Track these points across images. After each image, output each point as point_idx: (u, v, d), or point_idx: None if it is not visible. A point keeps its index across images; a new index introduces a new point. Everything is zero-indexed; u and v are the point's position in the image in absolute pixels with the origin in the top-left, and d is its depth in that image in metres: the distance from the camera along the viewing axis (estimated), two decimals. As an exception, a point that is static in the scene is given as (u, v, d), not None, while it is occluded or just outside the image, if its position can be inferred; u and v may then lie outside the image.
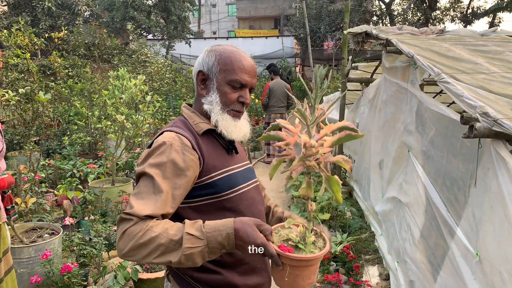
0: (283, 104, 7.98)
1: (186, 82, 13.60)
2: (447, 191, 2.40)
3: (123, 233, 1.17)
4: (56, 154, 6.56)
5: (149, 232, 1.15)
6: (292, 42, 25.86)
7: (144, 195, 1.23)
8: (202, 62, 1.45)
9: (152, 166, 1.26)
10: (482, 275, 1.92)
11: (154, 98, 5.47)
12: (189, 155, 1.30)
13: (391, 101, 3.87)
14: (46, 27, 13.37)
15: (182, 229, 1.17)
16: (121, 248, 1.17)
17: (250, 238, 1.15)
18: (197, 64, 1.46)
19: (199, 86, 1.46)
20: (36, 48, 6.15)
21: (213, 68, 1.42)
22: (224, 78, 1.40)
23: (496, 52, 2.93)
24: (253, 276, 1.42)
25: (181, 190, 1.27)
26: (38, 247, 3.06)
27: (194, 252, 1.15)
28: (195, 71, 1.48)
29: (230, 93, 1.41)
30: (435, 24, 22.68)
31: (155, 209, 1.20)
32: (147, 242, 1.15)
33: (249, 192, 1.46)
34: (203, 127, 1.40)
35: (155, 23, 18.95)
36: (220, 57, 1.42)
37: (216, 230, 1.17)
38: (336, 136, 1.10)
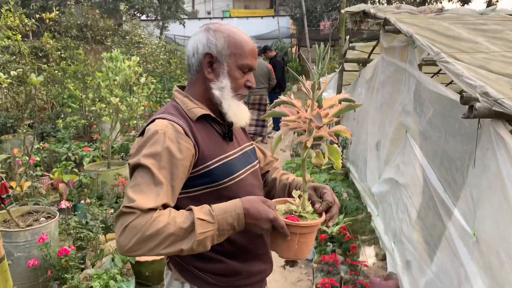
0: (263, 85, 7.88)
1: (180, 64, 13.45)
2: (444, 171, 2.40)
3: (125, 227, 1.12)
4: (50, 137, 6.50)
5: (155, 223, 1.12)
6: (288, 22, 25.56)
7: (143, 187, 1.18)
8: (208, 43, 1.35)
9: (147, 157, 1.21)
10: (479, 255, 1.92)
11: (149, 80, 5.39)
12: (184, 143, 1.26)
13: (389, 81, 3.83)
14: (37, 7, 13.11)
15: (190, 216, 1.16)
16: (123, 244, 1.12)
17: (262, 213, 1.18)
18: (201, 44, 1.36)
19: (206, 70, 1.36)
20: (27, 29, 6.01)
21: (223, 51, 1.34)
22: (235, 62, 1.35)
23: (496, 31, 2.89)
24: (255, 263, 1.42)
25: (178, 180, 1.24)
26: (34, 231, 3.04)
27: (207, 237, 1.15)
28: (194, 51, 1.37)
29: (240, 78, 1.37)
30: (432, 3, 22.43)
31: (157, 201, 1.16)
32: (155, 234, 1.12)
33: (247, 179, 1.43)
34: (197, 113, 1.34)
35: (148, 3, 18.59)
36: (230, 40, 1.35)
37: (225, 212, 1.18)
38: (337, 107, 1.15)
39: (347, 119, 6.06)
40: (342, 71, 5.41)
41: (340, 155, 1.21)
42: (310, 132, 1.16)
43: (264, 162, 1.67)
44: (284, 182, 1.59)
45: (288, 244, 1.22)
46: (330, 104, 1.18)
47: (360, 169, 5.06)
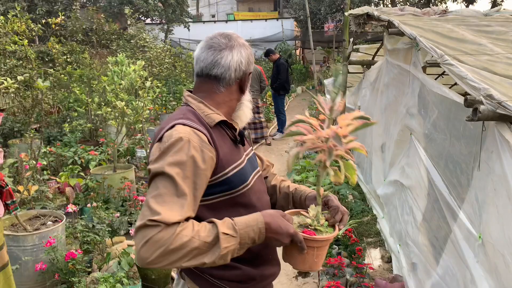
0: (255, 88, 7.91)
1: (185, 67, 13.50)
2: (449, 174, 2.40)
3: (148, 240, 1.10)
4: (57, 141, 6.55)
5: (180, 237, 1.11)
6: (292, 25, 25.57)
7: (166, 198, 1.15)
8: (248, 63, 1.42)
9: (171, 165, 1.18)
10: (485, 258, 1.92)
11: (154, 84, 5.43)
12: (208, 152, 1.24)
13: (393, 83, 3.83)
14: (43, 12, 13.23)
15: (213, 229, 1.16)
16: (145, 256, 1.10)
17: (283, 228, 1.22)
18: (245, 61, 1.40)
19: (246, 85, 1.44)
20: (34, 34, 6.07)
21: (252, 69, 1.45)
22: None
23: (500, 32, 2.88)
24: (267, 267, 1.44)
25: (200, 190, 1.23)
26: (41, 235, 3.07)
27: (229, 251, 1.16)
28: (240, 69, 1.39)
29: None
30: (436, 4, 22.36)
31: (182, 214, 1.15)
32: (179, 248, 1.11)
33: (256, 185, 1.44)
34: (215, 119, 1.34)
35: (153, 6, 18.70)
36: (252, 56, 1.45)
37: (248, 226, 1.20)
38: (353, 125, 1.18)
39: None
40: (346, 73, 5.41)
41: (355, 170, 1.24)
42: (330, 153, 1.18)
43: (262, 168, 1.67)
44: (285, 191, 1.60)
45: (304, 257, 1.25)
46: (347, 123, 1.19)
47: (366, 171, 5.06)
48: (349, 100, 5.86)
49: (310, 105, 13.65)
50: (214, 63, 1.37)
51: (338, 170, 1.24)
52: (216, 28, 15.83)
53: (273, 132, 9.61)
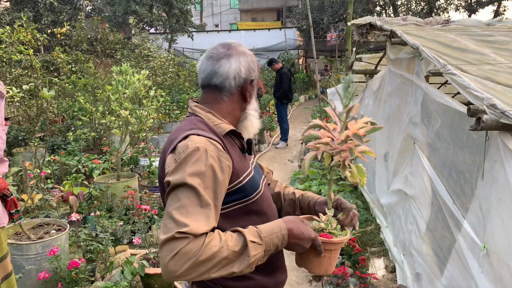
0: None
1: (189, 76, 13.58)
2: (453, 183, 2.39)
3: (177, 253, 1.08)
4: (61, 150, 6.58)
5: (209, 247, 1.11)
6: (295, 34, 25.72)
7: (190, 209, 1.14)
8: (249, 70, 1.40)
9: (192, 176, 1.17)
10: (490, 268, 1.91)
11: (158, 93, 5.46)
12: (225, 161, 1.25)
13: (396, 93, 3.84)
14: (49, 22, 13.37)
15: (240, 238, 1.17)
16: (173, 270, 1.09)
17: (305, 234, 1.25)
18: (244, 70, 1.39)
19: (248, 94, 1.41)
20: (39, 44, 6.13)
21: (256, 75, 1.44)
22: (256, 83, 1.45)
23: (503, 42, 2.89)
24: (278, 274, 1.45)
25: (221, 199, 1.23)
26: (45, 243, 3.08)
27: (257, 258, 1.18)
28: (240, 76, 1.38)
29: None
30: (439, 13, 22.47)
31: (209, 224, 1.15)
32: (209, 258, 1.11)
33: (265, 192, 1.45)
34: (225, 128, 1.34)
35: (157, 16, 18.89)
36: (257, 65, 1.45)
37: (272, 233, 1.21)
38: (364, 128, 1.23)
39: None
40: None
41: (365, 174, 1.29)
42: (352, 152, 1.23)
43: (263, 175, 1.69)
44: (291, 197, 1.61)
45: (320, 260, 1.30)
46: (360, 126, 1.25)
47: (369, 180, 5.05)
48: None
49: (313, 114, 13.67)
50: (213, 72, 1.38)
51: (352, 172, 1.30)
52: (219, 38, 16.10)
53: (276, 140, 9.62)
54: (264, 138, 9.22)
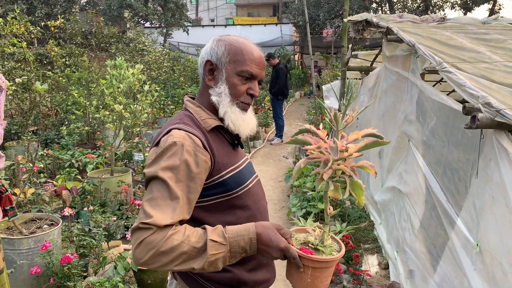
0: None
1: (184, 71, 13.51)
2: (447, 181, 2.39)
3: (141, 242, 1.13)
4: (54, 144, 6.53)
5: (170, 240, 1.13)
6: (291, 30, 25.67)
7: (159, 201, 1.18)
8: (211, 51, 1.38)
9: (164, 169, 1.20)
10: (483, 266, 1.91)
11: (152, 88, 5.42)
12: (201, 156, 1.25)
13: (392, 90, 3.84)
14: (42, 15, 13.24)
15: (203, 236, 1.17)
16: (139, 257, 1.14)
17: (274, 242, 1.18)
18: (204, 53, 1.40)
19: (207, 77, 1.39)
20: (33, 36, 6.06)
21: (222, 58, 1.37)
22: (234, 68, 1.36)
23: (498, 40, 2.89)
24: (260, 272, 1.43)
25: (195, 193, 1.25)
26: (37, 238, 3.05)
27: (218, 258, 1.16)
28: (201, 60, 1.41)
29: (240, 85, 1.36)
30: (435, 11, 22.50)
31: (174, 217, 1.17)
32: (169, 251, 1.13)
33: (253, 187, 1.45)
34: (211, 123, 1.35)
35: (152, 10, 18.76)
36: (230, 47, 1.37)
37: (238, 235, 1.19)
38: (363, 142, 1.13)
39: (349, 127, 6.06)
40: (344, 79, 5.42)
41: (364, 191, 1.18)
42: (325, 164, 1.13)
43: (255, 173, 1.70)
44: None
45: (301, 276, 1.20)
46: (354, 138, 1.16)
47: (363, 177, 5.06)
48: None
49: (308, 110, 13.67)
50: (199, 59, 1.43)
51: (339, 187, 1.19)
52: (215, 33, 16.00)
53: (271, 137, 9.62)
54: (259, 134, 9.21)
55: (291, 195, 5.25)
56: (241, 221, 1.33)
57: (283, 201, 5.55)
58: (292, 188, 5.61)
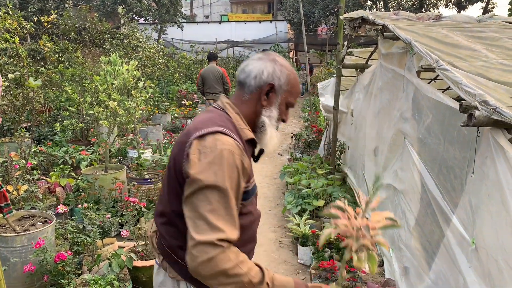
0: (218, 89, 7.99)
1: (178, 67, 13.44)
2: (443, 178, 2.40)
3: (211, 259, 1.18)
4: (47, 140, 6.48)
5: (239, 267, 1.21)
6: (286, 27, 25.64)
7: (222, 212, 1.22)
8: (273, 75, 1.45)
9: (224, 180, 1.23)
10: (478, 263, 1.92)
11: (147, 84, 5.39)
12: (246, 165, 1.33)
13: (387, 87, 3.84)
14: (35, 10, 13.10)
15: (259, 274, 1.27)
16: (202, 272, 1.20)
17: None
18: (267, 72, 1.45)
19: (263, 97, 1.46)
20: (25, 32, 5.99)
21: (283, 86, 1.47)
22: (286, 98, 1.48)
23: (494, 38, 2.90)
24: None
25: (239, 202, 1.33)
26: (31, 236, 3.02)
27: None
28: (261, 77, 1.45)
29: (284, 112, 1.51)
30: (429, 9, 22.58)
31: (237, 229, 1.24)
32: (233, 276, 1.21)
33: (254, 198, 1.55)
34: (247, 135, 1.42)
35: (146, 6, 18.63)
36: (290, 77, 1.48)
37: (282, 286, 1.32)
38: (383, 223, 1.30)
39: (344, 124, 6.07)
40: (339, 77, 5.42)
41: (377, 261, 1.32)
42: (357, 239, 1.30)
43: None
44: None
45: None
46: (377, 219, 1.30)
47: (358, 175, 5.07)
48: (342, 103, 5.86)
49: (303, 107, 13.67)
50: (241, 70, 1.50)
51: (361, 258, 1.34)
52: (209, 29, 16.03)
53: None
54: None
55: (286, 192, 5.25)
56: (246, 225, 1.40)
57: (278, 198, 5.55)
58: (287, 186, 5.61)
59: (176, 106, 10.91)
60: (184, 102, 11.04)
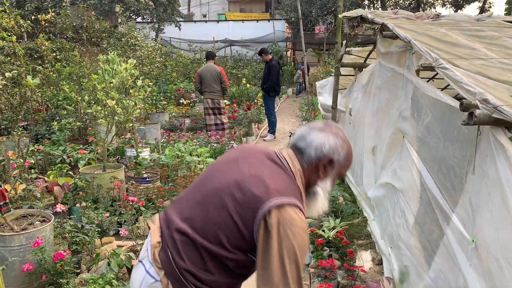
0: (216, 88, 7.99)
1: (176, 66, 13.41)
2: (443, 177, 2.40)
3: None
4: (45, 139, 6.45)
5: None
6: (283, 26, 25.63)
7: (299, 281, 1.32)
8: (335, 150, 1.51)
9: (301, 252, 1.33)
10: (478, 262, 1.92)
11: (146, 83, 5.38)
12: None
13: (386, 86, 3.84)
14: (32, 8, 13.06)
15: None
16: None
17: None
18: (329, 146, 1.51)
19: (321, 168, 1.52)
20: (23, 30, 5.96)
21: (341, 161, 1.53)
22: (339, 171, 1.56)
23: (493, 37, 2.90)
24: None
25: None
26: (29, 235, 3.01)
27: None
28: (323, 150, 1.51)
29: (334, 184, 1.58)
30: (426, 8, 22.62)
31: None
32: None
33: None
34: (302, 198, 1.46)
35: (144, 5, 18.58)
36: (348, 153, 1.55)
37: None
38: None
39: (343, 123, 6.08)
40: (338, 76, 5.42)
41: None
42: None
43: None
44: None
45: None
46: None
47: (356, 173, 5.07)
48: (341, 102, 5.86)
49: (301, 106, 13.68)
50: (302, 137, 1.55)
51: None
52: (207, 28, 16.05)
53: (264, 133, 9.60)
54: (252, 130, 9.19)
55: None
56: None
57: (277, 197, 5.54)
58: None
59: (174, 105, 10.89)
60: (182, 101, 11.03)
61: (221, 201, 1.41)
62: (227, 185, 1.43)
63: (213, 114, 8.19)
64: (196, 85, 8.21)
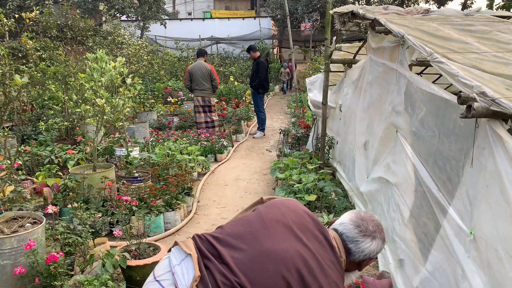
0: (206, 86, 7.98)
1: (163, 64, 13.30)
2: (438, 171, 2.42)
3: None
4: (31, 140, 6.33)
5: None
6: (269, 23, 25.62)
7: None
8: (377, 253, 1.74)
9: None
10: (477, 253, 1.94)
11: (135, 81, 5.31)
12: None
13: (377, 81, 3.86)
14: (14, 7, 12.78)
15: None
16: None
17: None
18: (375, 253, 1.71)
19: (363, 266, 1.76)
20: (6, 29, 5.82)
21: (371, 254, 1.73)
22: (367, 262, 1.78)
23: (484, 31, 2.94)
24: None
25: None
26: (20, 237, 2.94)
27: None
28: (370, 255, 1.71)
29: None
30: (409, 5, 22.81)
31: None
32: None
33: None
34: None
35: (128, 3, 18.35)
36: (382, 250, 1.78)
37: None
38: None
39: (333, 119, 6.10)
40: (328, 72, 5.43)
41: None
42: None
43: None
44: None
45: None
46: None
47: (348, 169, 5.09)
48: (330, 98, 5.88)
49: (289, 103, 13.69)
50: (354, 240, 1.69)
51: None
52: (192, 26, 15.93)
53: (253, 130, 9.59)
54: (241, 128, 9.17)
55: (276, 188, 5.24)
56: None
57: (269, 194, 5.54)
58: (277, 181, 5.61)
59: (161, 103, 10.80)
60: (170, 99, 10.94)
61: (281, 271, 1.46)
62: (291, 257, 1.50)
63: (204, 112, 8.15)
64: (186, 83, 8.15)
